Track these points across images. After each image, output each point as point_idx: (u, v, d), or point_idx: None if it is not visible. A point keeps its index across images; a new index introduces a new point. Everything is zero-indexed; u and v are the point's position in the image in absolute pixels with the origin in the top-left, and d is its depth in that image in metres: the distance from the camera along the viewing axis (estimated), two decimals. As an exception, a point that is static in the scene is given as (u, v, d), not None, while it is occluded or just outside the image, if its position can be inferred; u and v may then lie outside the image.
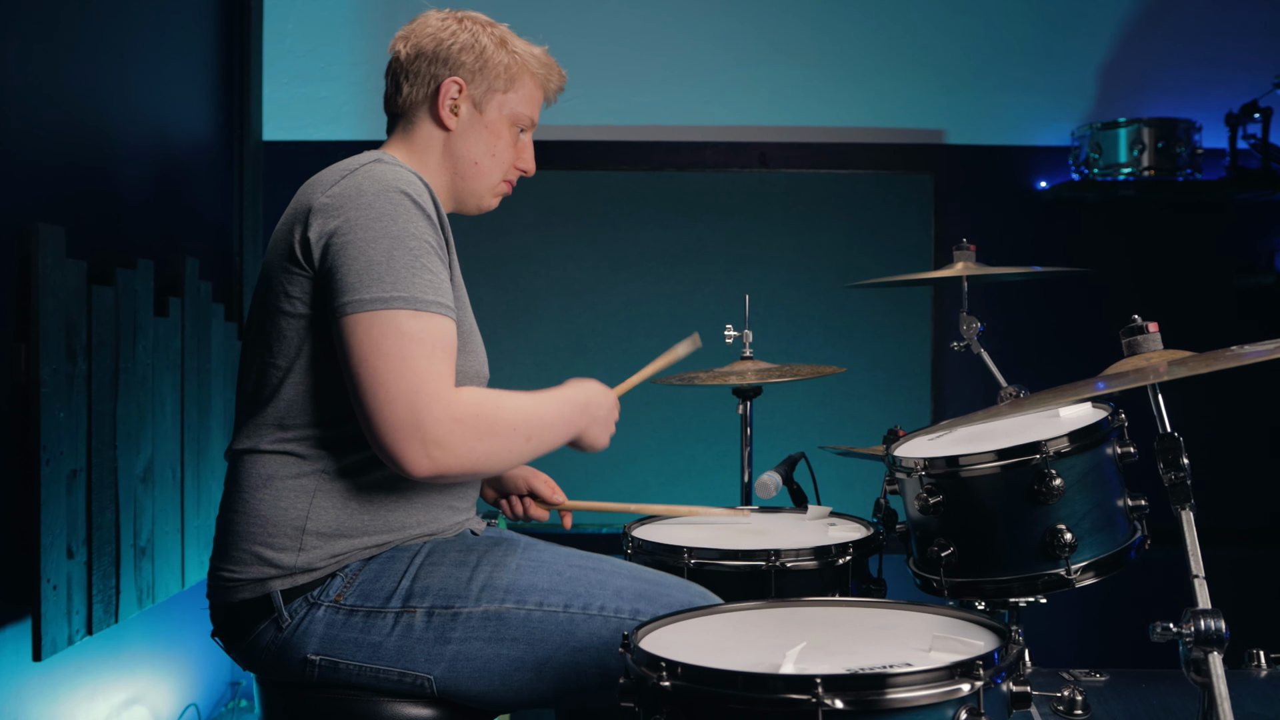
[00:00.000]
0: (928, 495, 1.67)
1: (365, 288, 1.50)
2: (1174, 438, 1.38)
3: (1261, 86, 3.48)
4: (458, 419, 1.50)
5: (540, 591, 1.59)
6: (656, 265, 3.62)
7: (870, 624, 1.41)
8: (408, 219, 1.54)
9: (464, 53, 1.74)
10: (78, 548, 2.30)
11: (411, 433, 1.48)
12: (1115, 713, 1.59)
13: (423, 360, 1.49)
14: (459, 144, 1.76)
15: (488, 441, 1.54)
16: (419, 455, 1.48)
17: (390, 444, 1.48)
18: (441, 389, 1.50)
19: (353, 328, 1.50)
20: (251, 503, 1.61)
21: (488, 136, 1.77)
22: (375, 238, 1.52)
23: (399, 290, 1.50)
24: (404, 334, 1.49)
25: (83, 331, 2.31)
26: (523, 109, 1.79)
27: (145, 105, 2.84)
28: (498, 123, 1.77)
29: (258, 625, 1.60)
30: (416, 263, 1.53)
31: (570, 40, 3.61)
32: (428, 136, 1.76)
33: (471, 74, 1.74)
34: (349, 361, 1.50)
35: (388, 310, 1.49)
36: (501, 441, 1.56)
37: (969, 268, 2.34)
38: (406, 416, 1.47)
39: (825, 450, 2.72)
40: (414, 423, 1.48)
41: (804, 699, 1.11)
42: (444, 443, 1.49)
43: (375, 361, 1.48)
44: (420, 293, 1.52)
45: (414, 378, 1.48)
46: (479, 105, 1.75)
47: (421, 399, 1.48)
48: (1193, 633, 1.30)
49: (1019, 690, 1.23)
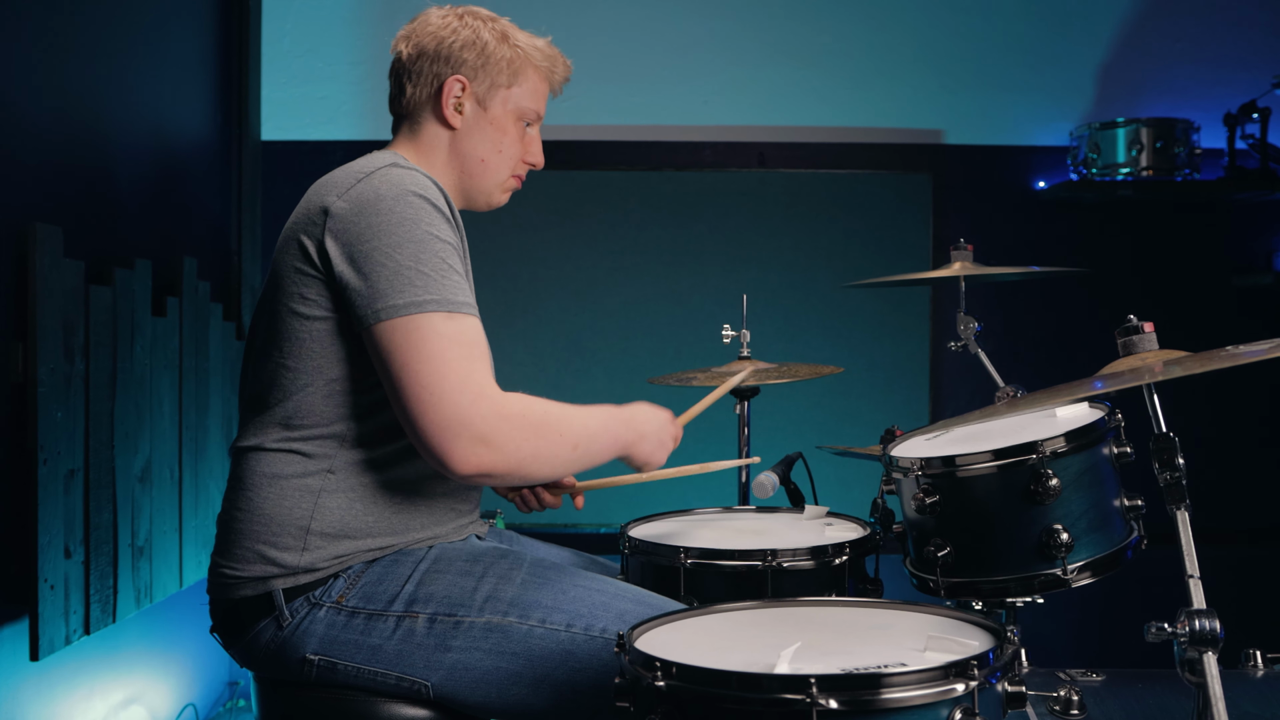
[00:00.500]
0: (924, 495, 1.66)
1: (398, 293, 1.50)
2: (1169, 438, 1.38)
3: (1260, 86, 3.48)
4: (505, 416, 1.50)
5: (544, 608, 1.58)
6: (655, 265, 3.62)
7: (865, 624, 1.41)
8: (430, 222, 1.54)
9: (465, 50, 1.73)
10: (75, 547, 2.30)
11: (460, 431, 1.47)
12: (1111, 712, 1.59)
13: (464, 361, 1.49)
14: (465, 142, 1.76)
15: (535, 442, 1.53)
16: (466, 453, 1.48)
17: (438, 443, 1.47)
18: (486, 387, 1.50)
19: (390, 333, 1.50)
20: (256, 500, 1.60)
21: (493, 133, 1.76)
22: (401, 243, 1.51)
23: (431, 293, 1.50)
24: (442, 335, 1.49)
25: (80, 331, 2.32)
26: (528, 103, 1.78)
27: (143, 105, 2.84)
28: (503, 118, 1.76)
29: (258, 623, 1.60)
30: (444, 265, 1.53)
31: (568, 40, 3.59)
32: (434, 136, 1.76)
33: (474, 71, 1.73)
34: (388, 367, 1.50)
35: (423, 314, 1.49)
36: (548, 444, 1.56)
37: (966, 268, 2.34)
38: (453, 414, 1.47)
39: (823, 450, 2.71)
40: (461, 420, 1.47)
41: (798, 699, 1.11)
42: (491, 440, 1.48)
43: (417, 365, 1.48)
44: (451, 294, 1.52)
45: (456, 378, 1.48)
46: (483, 102, 1.75)
47: (467, 397, 1.48)
48: (1187, 633, 1.30)
49: (1014, 690, 1.22)
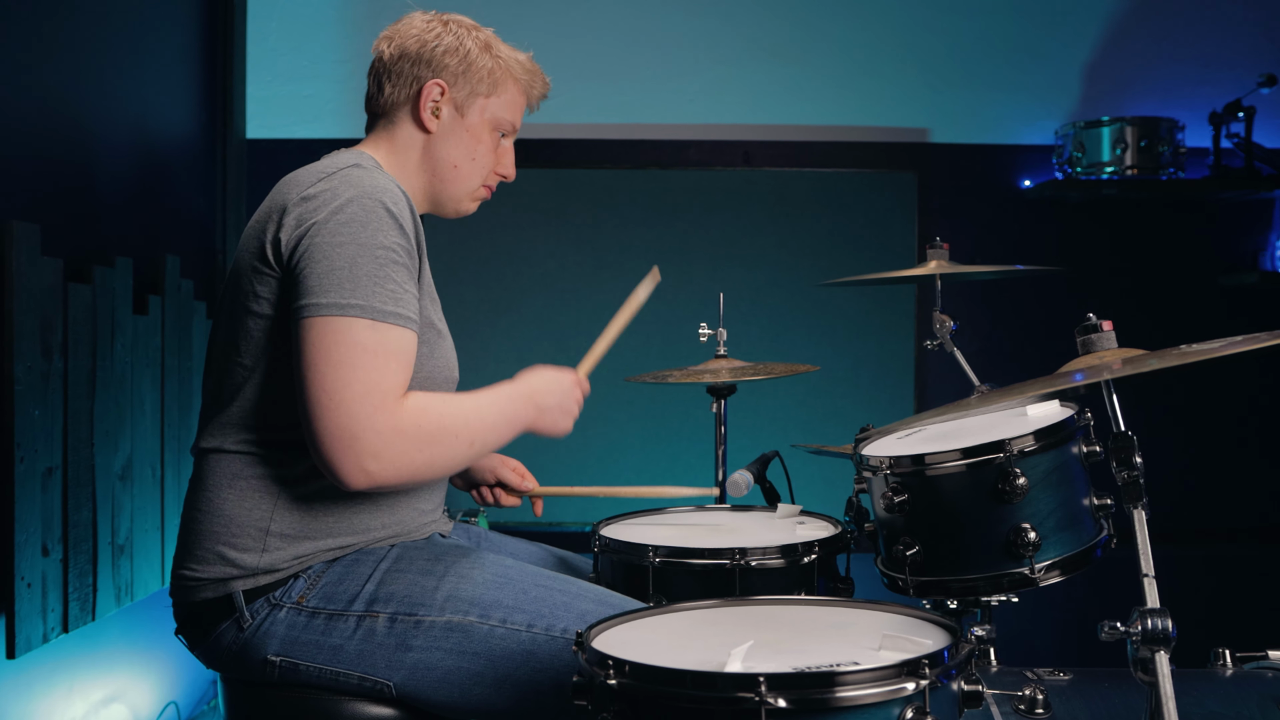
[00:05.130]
0: (893, 494, 1.66)
1: (324, 292, 1.49)
2: (1128, 436, 1.38)
3: (1245, 85, 3.48)
4: (399, 430, 1.49)
5: (505, 608, 1.58)
6: (639, 264, 3.55)
7: (826, 623, 1.41)
8: (378, 227, 1.53)
9: (448, 55, 1.73)
10: (53, 545, 2.30)
11: (349, 444, 1.46)
12: (1077, 711, 1.58)
13: (373, 371, 1.47)
14: (439, 147, 1.75)
15: (428, 451, 1.52)
16: (353, 468, 1.47)
17: (327, 453, 1.47)
18: (386, 400, 1.48)
19: (307, 331, 1.49)
20: (215, 502, 1.60)
21: (468, 140, 1.76)
22: (342, 243, 1.50)
23: (358, 298, 1.49)
24: (356, 343, 1.48)
25: (58, 329, 2.32)
26: (505, 114, 1.78)
27: (126, 102, 2.84)
28: (479, 126, 1.76)
29: (219, 625, 1.60)
30: (380, 272, 1.51)
31: (553, 38, 3.61)
32: (408, 138, 1.75)
33: (455, 77, 1.73)
34: (299, 365, 1.49)
35: (344, 317, 1.48)
36: (442, 449, 1.55)
37: (942, 266, 2.34)
38: (346, 426, 1.46)
39: (802, 449, 2.71)
40: (352, 433, 1.46)
41: (747, 697, 1.10)
42: (381, 455, 1.47)
43: (323, 367, 1.47)
44: (380, 303, 1.50)
45: (359, 387, 1.46)
46: (461, 109, 1.75)
47: (364, 409, 1.46)
48: (1140, 632, 1.30)
49: (970, 689, 1.22)
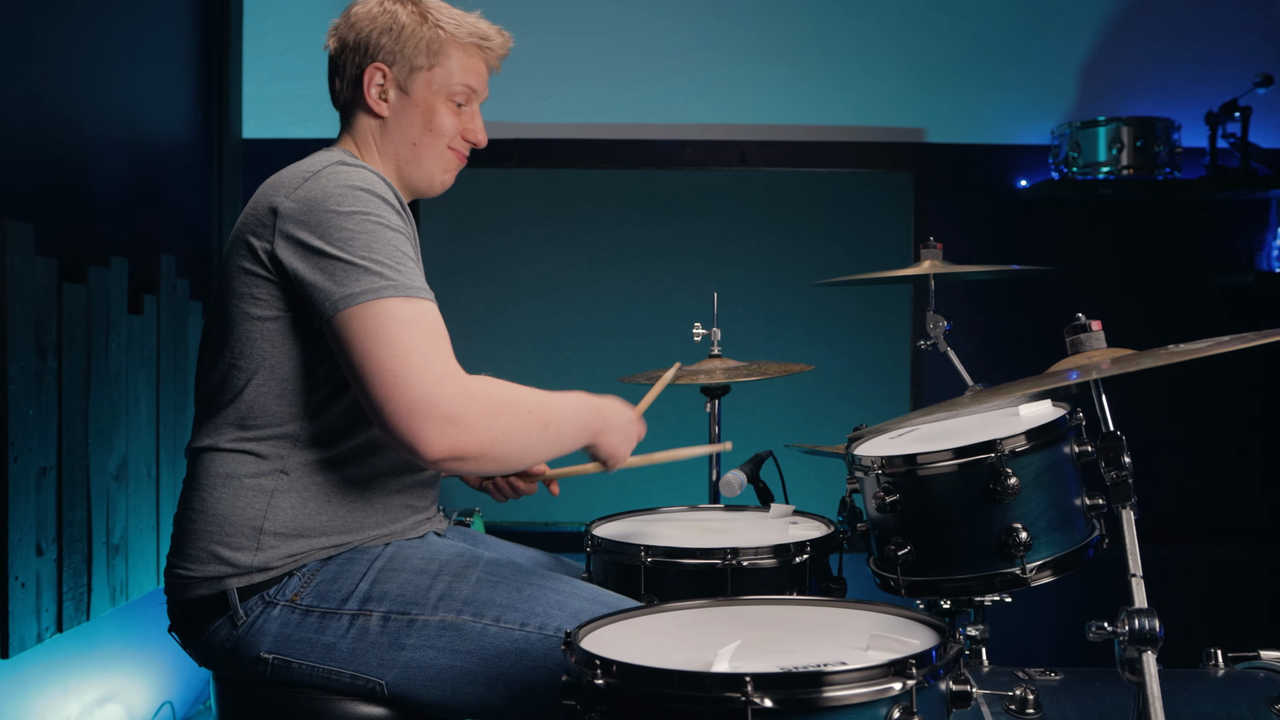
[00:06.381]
0: (885, 494, 1.67)
1: (354, 282, 1.48)
2: (1116, 436, 1.38)
3: (1241, 85, 3.48)
4: (471, 394, 1.47)
5: (498, 607, 1.58)
6: (635, 264, 3.62)
7: (815, 622, 1.41)
8: (379, 214, 1.54)
9: (382, 36, 1.71)
10: (47, 545, 2.30)
11: (427, 412, 1.43)
12: (1067, 711, 1.59)
13: (425, 342, 1.47)
14: (394, 129, 1.74)
15: (503, 419, 1.49)
16: (436, 434, 1.44)
17: (407, 427, 1.44)
18: (450, 367, 1.47)
19: (348, 322, 1.48)
20: (209, 501, 1.61)
21: (420, 116, 1.73)
22: (352, 236, 1.51)
23: (387, 280, 1.49)
24: (400, 319, 1.47)
25: (53, 329, 2.32)
26: (454, 81, 1.74)
27: (122, 101, 2.84)
28: (428, 100, 1.73)
29: (212, 622, 1.60)
30: (397, 252, 1.52)
31: (549, 38, 3.61)
32: (365, 126, 1.75)
33: (392, 56, 1.71)
34: (350, 357, 1.47)
35: (380, 300, 1.47)
36: (519, 421, 1.52)
37: (935, 266, 2.34)
38: (420, 396, 1.44)
39: (795, 449, 2.72)
40: (427, 401, 1.44)
41: (734, 697, 1.11)
42: (460, 418, 1.45)
43: (378, 350, 1.45)
44: (407, 280, 1.50)
45: (419, 359, 1.45)
46: (404, 87, 1.72)
47: (432, 378, 1.45)
48: (1127, 632, 1.30)
49: (958, 689, 1.22)
